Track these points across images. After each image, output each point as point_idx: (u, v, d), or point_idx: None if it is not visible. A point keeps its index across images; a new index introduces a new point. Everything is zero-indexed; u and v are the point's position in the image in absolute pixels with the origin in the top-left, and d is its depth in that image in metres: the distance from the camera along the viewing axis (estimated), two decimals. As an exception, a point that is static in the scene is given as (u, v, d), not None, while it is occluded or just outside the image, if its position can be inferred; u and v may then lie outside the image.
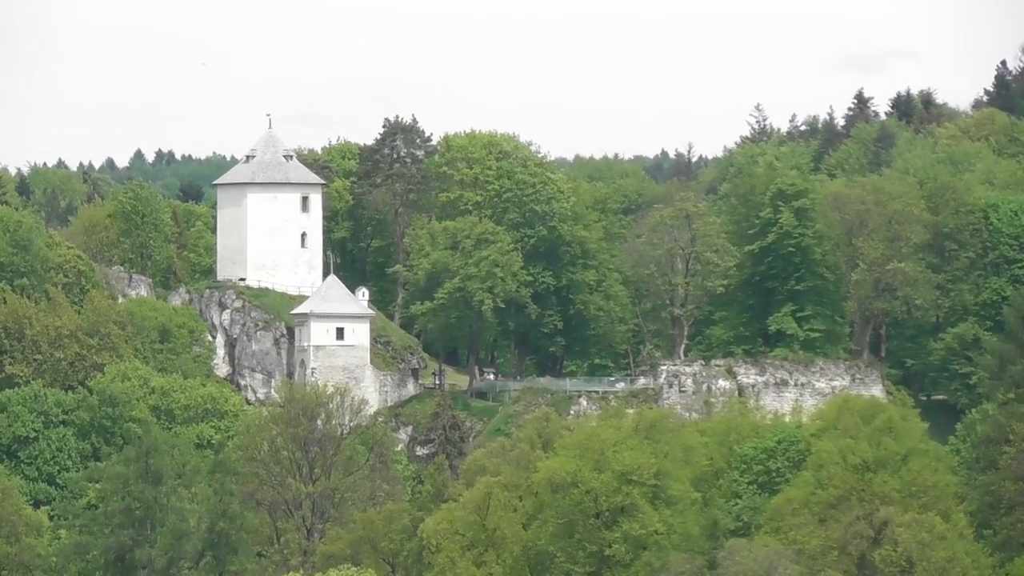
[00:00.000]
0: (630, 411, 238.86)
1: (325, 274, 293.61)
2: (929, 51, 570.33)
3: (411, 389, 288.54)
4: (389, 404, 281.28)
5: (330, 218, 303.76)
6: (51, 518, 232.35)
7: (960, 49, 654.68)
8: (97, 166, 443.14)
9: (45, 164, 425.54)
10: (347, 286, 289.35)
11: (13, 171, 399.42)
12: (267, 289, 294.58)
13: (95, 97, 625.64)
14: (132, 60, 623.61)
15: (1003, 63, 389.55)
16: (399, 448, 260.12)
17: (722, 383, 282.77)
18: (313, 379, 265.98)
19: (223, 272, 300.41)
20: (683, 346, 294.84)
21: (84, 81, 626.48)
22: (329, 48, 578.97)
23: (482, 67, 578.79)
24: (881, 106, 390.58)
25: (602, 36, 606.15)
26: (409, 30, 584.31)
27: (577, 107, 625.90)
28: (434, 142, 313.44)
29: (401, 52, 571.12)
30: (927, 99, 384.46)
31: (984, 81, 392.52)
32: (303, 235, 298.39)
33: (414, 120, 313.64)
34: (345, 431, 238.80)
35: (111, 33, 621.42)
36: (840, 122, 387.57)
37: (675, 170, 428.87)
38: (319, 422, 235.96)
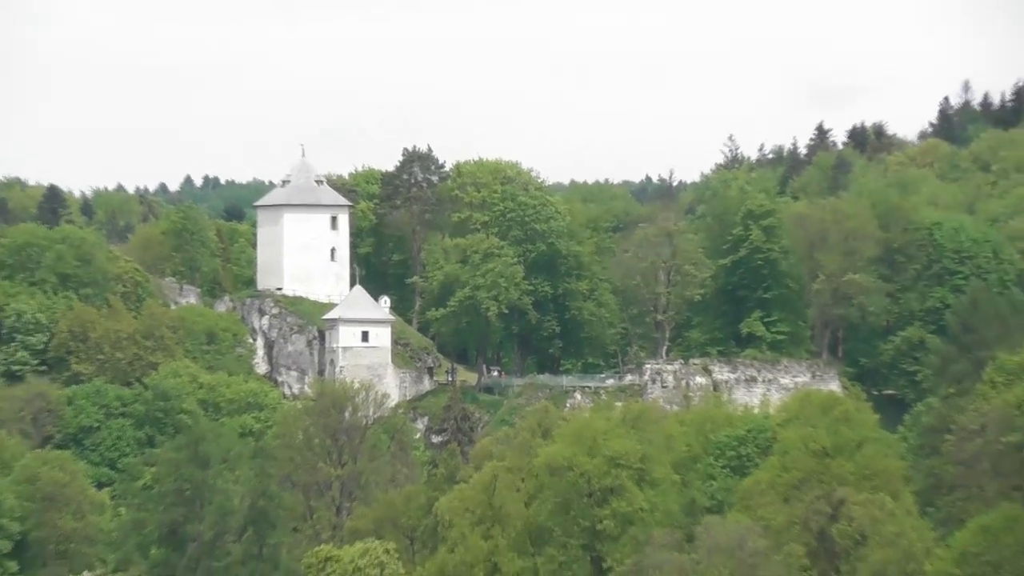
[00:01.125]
0: (619, 404, 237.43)
1: (351, 284, 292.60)
2: (881, 89, 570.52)
3: (427, 385, 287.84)
4: (408, 398, 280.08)
5: (356, 235, 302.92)
6: (112, 498, 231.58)
7: (908, 87, 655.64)
8: (152, 189, 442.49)
9: (106, 188, 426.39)
10: (371, 295, 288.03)
11: (78, 194, 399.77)
12: (301, 298, 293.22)
13: (150, 128, 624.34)
14: (182, 95, 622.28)
15: (946, 99, 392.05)
16: (417, 436, 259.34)
17: (699, 379, 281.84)
18: (341, 376, 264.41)
19: (262, 282, 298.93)
20: (665, 347, 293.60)
21: (140, 114, 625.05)
22: (357, 85, 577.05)
23: (489, 103, 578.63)
24: (839, 137, 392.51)
25: (595, 76, 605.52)
26: (427, 71, 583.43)
27: (572, 138, 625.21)
28: (447, 169, 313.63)
29: (419, 90, 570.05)
30: (879, 131, 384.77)
31: (929, 115, 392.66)
32: (332, 250, 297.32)
33: (429, 149, 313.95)
34: (369, 421, 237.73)
35: (164, 72, 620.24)
36: (803, 151, 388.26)
37: (658, 193, 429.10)
38: (346, 414, 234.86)
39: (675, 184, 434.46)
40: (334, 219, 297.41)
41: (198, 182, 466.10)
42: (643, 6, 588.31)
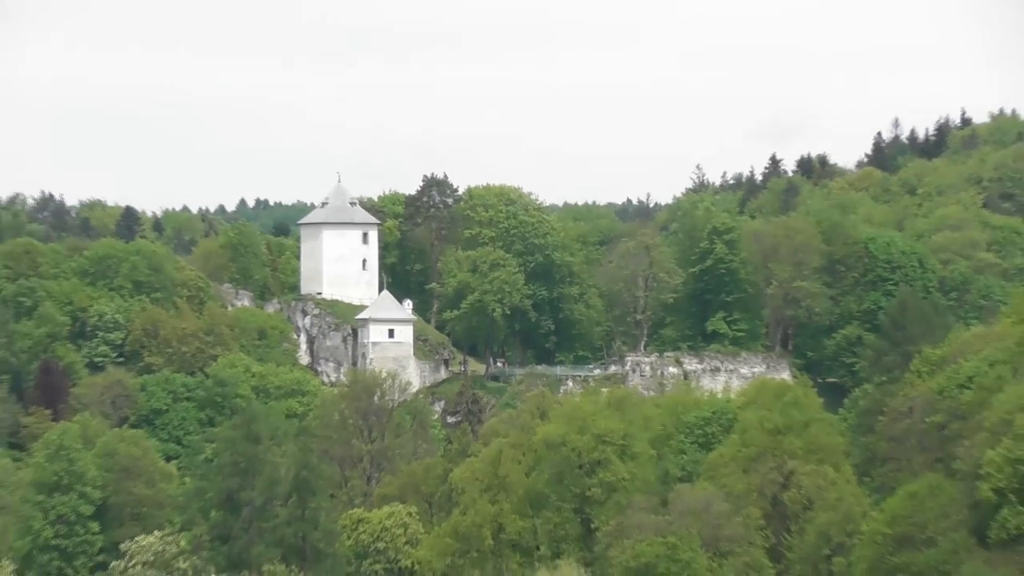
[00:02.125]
0: (604, 390, 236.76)
1: (380, 290, 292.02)
2: (825, 125, 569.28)
3: (443, 374, 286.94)
4: (427, 385, 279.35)
5: (383, 248, 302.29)
6: (178, 469, 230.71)
7: (848, 124, 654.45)
8: (212, 209, 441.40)
9: (174, 208, 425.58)
10: (396, 299, 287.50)
11: (150, 213, 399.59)
12: (337, 301, 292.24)
13: (210, 156, 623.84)
14: (239, 130, 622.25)
15: (879, 134, 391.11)
16: (434, 417, 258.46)
17: (671, 369, 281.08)
18: (371, 367, 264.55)
19: (305, 288, 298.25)
20: (643, 342, 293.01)
21: (202, 145, 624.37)
22: (383, 121, 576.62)
23: (497, 139, 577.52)
24: (789, 166, 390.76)
25: (585, 117, 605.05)
26: (445, 111, 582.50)
27: (565, 166, 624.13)
28: (460, 192, 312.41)
29: (438, 126, 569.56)
30: (823, 161, 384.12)
31: (865, 147, 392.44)
32: (363, 261, 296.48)
33: (445, 176, 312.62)
34: (394, 405, 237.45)
35: (223, 110, 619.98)
36: (759, 178, 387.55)
37: (637, 213, 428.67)
38: (375, 398, 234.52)
39: (651, 205, 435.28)
40: (365, 235, 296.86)
41: (251, 203, 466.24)
42: (628, 63, 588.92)
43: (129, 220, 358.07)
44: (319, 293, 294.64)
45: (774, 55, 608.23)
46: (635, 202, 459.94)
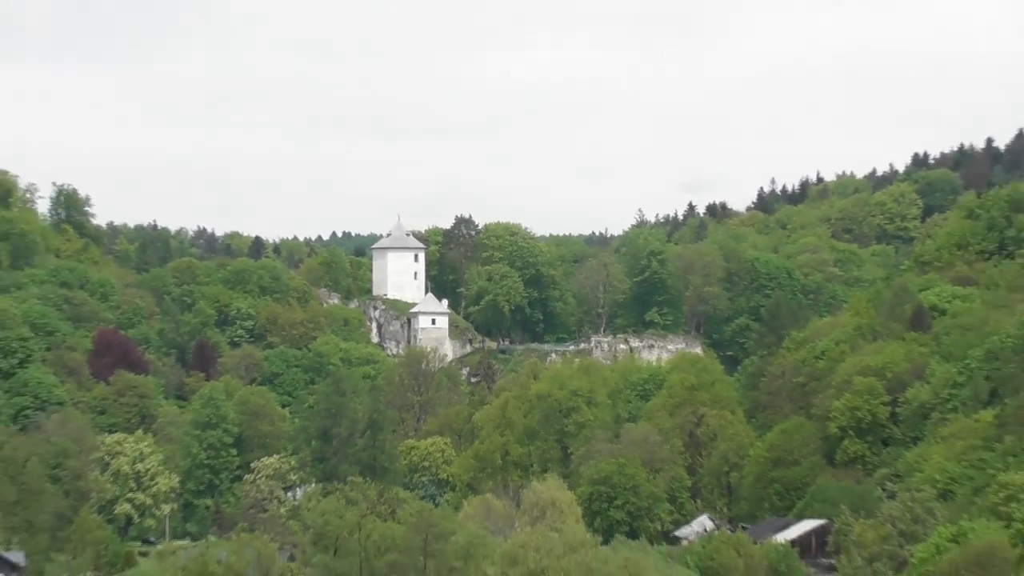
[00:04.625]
0: (576, 360, 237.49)
1: (425, 292, 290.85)
2: (725, 181, 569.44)
3: (468, 349, 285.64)
4: (457, 356, 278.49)
5: (428, 265, 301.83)
6: (290, 413, 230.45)
7: (741, 181, 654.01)
8: (312, 238, 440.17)
9: (287, 237, 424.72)
10: (436, 298, 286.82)
11: (271, 240, 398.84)
12: (397, 300, 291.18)
13: (312, 201, 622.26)
14: (330, 182, 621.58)
15: (761, 188, 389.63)
16: (462, 378, 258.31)
17: (621, 346, 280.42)
18: (420, 344, 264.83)
19: (375, 291, 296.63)
20: (602, 328, 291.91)
21: (306, 192, 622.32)
22: (428, 179, 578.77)
23: (503, 188, 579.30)
24: (701, 209, 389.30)
25: (564, 171, 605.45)
26: (470, 172, 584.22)
27: (550, 208, 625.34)
28: (480, 227, 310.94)
29: (465, 181, 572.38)
30: (723, 206, 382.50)
31: (752, 196, 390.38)
32: (415, 273, 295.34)
33: (470, 216, 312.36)
34: (435, 369, 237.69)
35: (318, 168, 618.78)
36: (680, 217, 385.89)
37: (599, 241, 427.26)
38: (423, 365, 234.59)
39: (608, 236, 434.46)
40: (416, 255, 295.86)
41: (339, 234, 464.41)
42: (598, 134, 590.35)
43: (257, 245, 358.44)
44: (385, 294, 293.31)
45: (694, 134, 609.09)
46: (597, 234, 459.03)
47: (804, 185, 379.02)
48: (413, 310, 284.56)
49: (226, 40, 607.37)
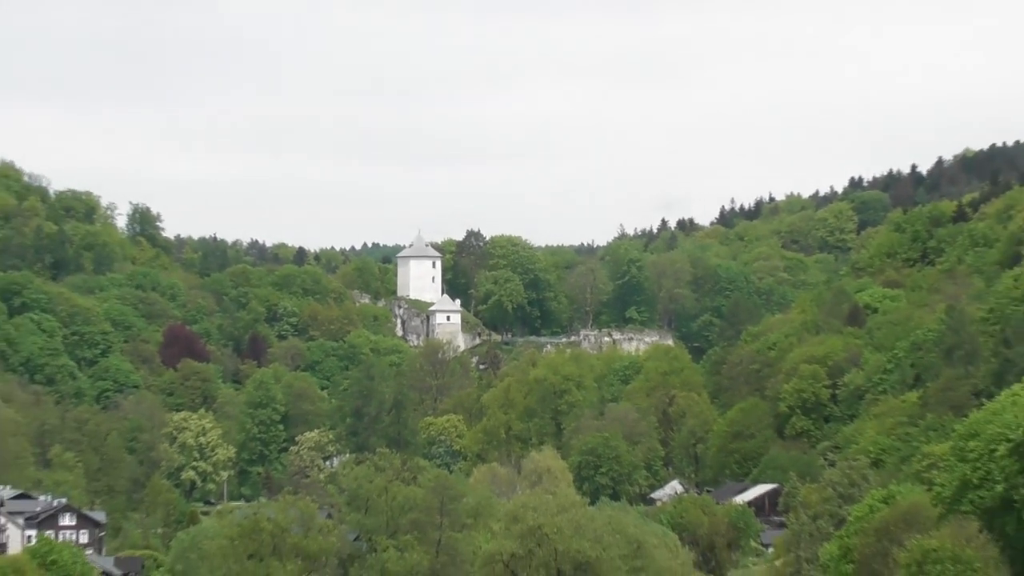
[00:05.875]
0: (567, 350, 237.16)
1: (441, 294, 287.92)
2: (693, 200, 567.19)
3: (477, 341, 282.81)
4: (468, 347, 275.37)
5: (444, 270, 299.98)
6: (328, 395, 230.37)
7: (706, 200, 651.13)
8: (347, 248, 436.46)
9: (325, 248, 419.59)
10: (451, 299, 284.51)
11: (312, 250, 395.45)
12: (418, 300, 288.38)
13: (348, 221, 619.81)
14: (367, 207, 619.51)
15: (723, 206, 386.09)
16: (472, 365, 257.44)
17: (606, 339, 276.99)
18: (437, 337, 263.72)
19: (400, 293, 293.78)
20: (589, 323, 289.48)
21: (343, 213, 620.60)
22: (443, 204, 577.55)
23: (506, 206, 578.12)
24: (672, 224, 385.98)
25: (561, 194, 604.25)
26: (477, 194, 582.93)
27: (546, 224, 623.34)
28: (487, 239, 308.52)
29: (474, 201, 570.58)
30: (691, 221, 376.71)
31: (715, 213, 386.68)
32: (432, 277, 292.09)
33: (479, 231, 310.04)
34: (449, 358, 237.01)
35: (352, 195, 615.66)
36: (655, 230, 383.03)
37: (587, 251, 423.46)
38: (439, 355, 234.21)
39: (594, 247, 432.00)
40: (434, 263, 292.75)
41: (369, 245, 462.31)
42: (588, 166, 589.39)
43: (301, 254, 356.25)
44: (407, 295, 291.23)
45: (667, 162, 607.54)
46: (585, 244, 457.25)
47: (759, 204, 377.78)
48: (431, 308, 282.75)
49: (276, 83, 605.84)
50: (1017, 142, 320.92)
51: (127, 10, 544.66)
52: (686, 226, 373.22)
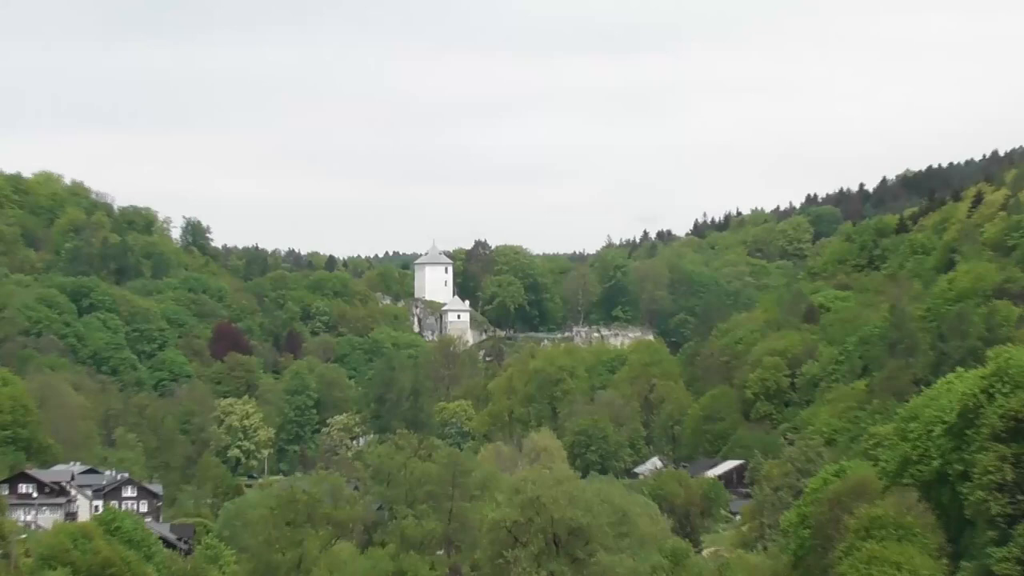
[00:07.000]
0: (562, 345, 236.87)
1: (453, 295, 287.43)
2: (671, 215, 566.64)
3: (484, 337, 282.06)
4: (476, 342, 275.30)
5: (455, 275, 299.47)
6: (355, 384, 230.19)
7: (682, 215, 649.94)
8: (370, 255, 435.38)
9: (352, 256, 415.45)
10: (461, 300, 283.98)
11: (341, 258, 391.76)
12: (432, 300, 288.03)
13: (372, 235, 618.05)
14: (387, 223, 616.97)
15: (696, 219, 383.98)
16: (480, 358, 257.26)
17: (596, 335, 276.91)
18: (449, 333, 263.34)
19: (417, 294, 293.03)
20: (581, 321, 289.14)
21: (369, 219, 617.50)
22: (453, 217, 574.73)
23: (509, 220, 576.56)
24: (652, 235, 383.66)
25: (557, 208, 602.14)
26: (483, 207, 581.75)
27: (543, 235, 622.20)
28: (492, 248, 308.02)
29: (481, 214, 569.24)
30: (670, 232, 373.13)
31: (690, 225, 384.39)
32: (445, 282, 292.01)
33: (485, 241, 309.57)
34: (460, 352, 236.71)
35: (377, 214, 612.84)
36: (638, 240, 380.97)
37: (579, 259, 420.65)
38: (451, 349, 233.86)
39: (585, 255, 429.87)
40: (446, 268, 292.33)
41: (391, 253, 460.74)
42: (578, 187, 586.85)
43: (331, 261, 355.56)
44: (424, 297, 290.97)
45: (648, 183, 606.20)
46: (577, 253, 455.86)
47: (727, 217, 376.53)
48: (444, 308, 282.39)
49: (314, 116, 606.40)
50: (951, 163, 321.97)
51: (175, 52, 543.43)
52: (664, 237, 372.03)
